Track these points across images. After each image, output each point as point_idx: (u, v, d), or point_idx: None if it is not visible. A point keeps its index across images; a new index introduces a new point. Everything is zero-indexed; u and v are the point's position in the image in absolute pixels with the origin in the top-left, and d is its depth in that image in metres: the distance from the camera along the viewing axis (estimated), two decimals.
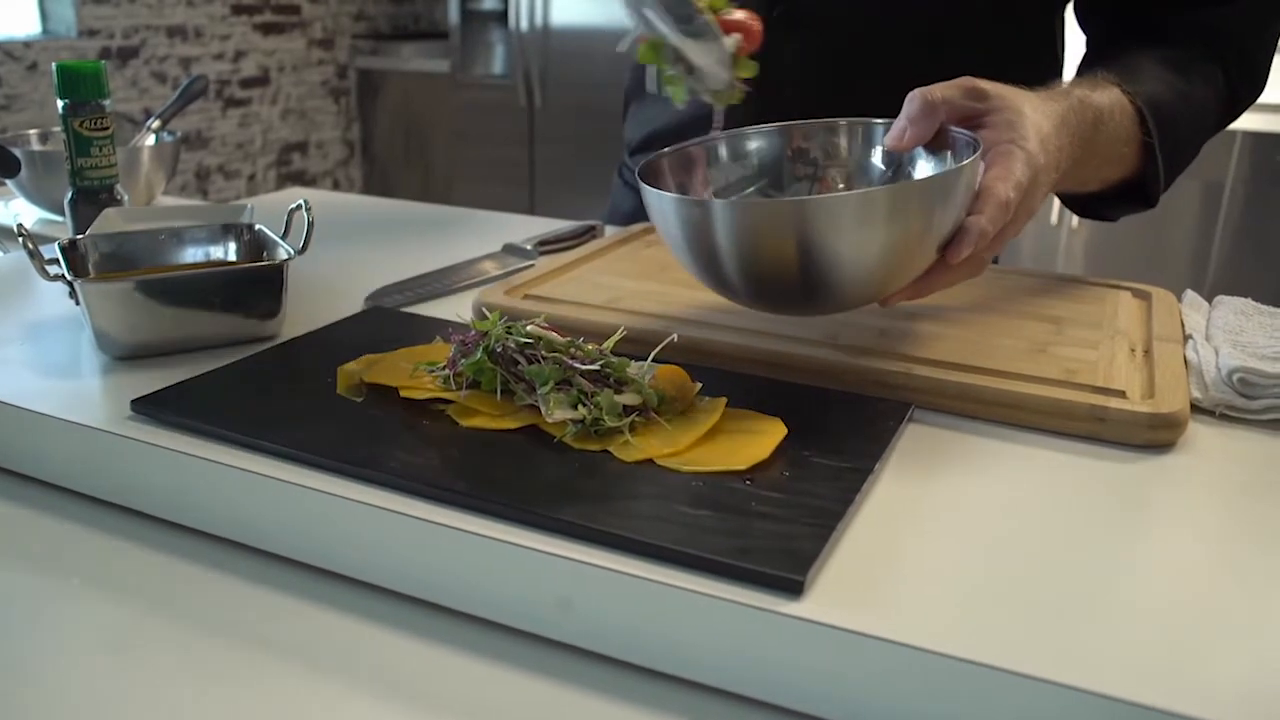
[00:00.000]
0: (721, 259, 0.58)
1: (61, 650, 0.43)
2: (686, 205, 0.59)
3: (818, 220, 0.55)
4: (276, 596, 0.47)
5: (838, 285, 0.58)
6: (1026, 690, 0.36)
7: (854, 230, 0.55)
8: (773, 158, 0.71)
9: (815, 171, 0.71)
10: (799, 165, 0.71)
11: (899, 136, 0.63)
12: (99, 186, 0.80)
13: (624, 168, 1.16)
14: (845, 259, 0.56)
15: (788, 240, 0.56)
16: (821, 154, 0.70)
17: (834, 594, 0.41)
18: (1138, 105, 0.75)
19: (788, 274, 0.57)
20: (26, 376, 0.60)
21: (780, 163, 0.71)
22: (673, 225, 0.59)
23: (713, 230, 0.57)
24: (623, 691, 0.42)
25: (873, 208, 0.55)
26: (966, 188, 0.57)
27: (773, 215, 0.56)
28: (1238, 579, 0.44)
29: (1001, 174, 0.60)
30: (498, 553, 0.44)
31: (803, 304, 0.62)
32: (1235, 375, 0.60)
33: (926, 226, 0.56)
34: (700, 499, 0.46)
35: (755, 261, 0.58)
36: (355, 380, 0.57)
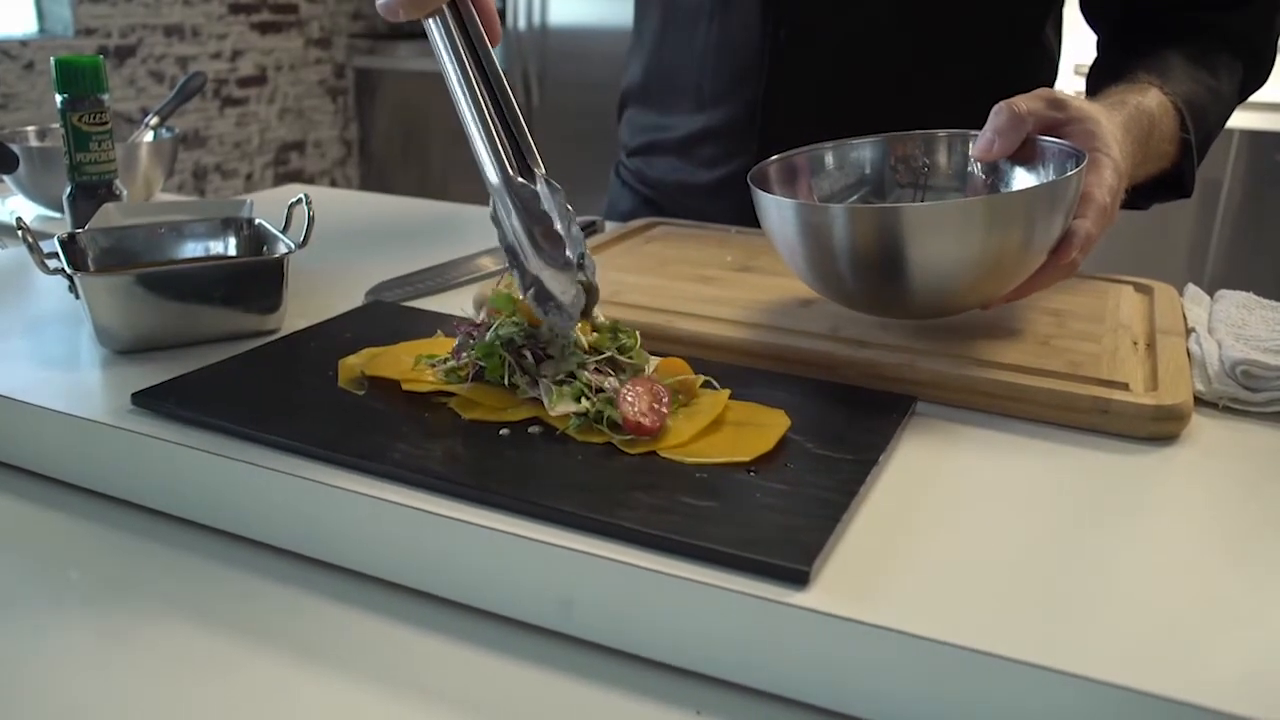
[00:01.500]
0: (838, 263, 0.60)
1: (60, 643, 0.43)
2: (807, 210, 0.61)
3: (941, 226, 0.57)
4: (278, 589, 0.47)
5: (953, 290, 0.60)
6: (1031, 678, 0.36)
7: (977, 235, 0.57)
8: (875, 167, 0.73)
9: (916, 180, 0.73)
10: (900, 173, 0.73)
11: (988, 147, 0.65)
12: (98, 181, 0.80)
13: (621, 166, 1.15)
14: (964, 263, 0.58)
15: (908, 245, 0.57)
16: (922, 163, 0.72)
17: (839, 584, 0.40)
18: (1178, 105, 0.79)
19: (904, 278, 0.59)
20: (26, 370, 0.60)
21: (882, 171, 0.73)
22: (790, 229, 0.61)
23: (831, 235, 0.59)
24: (626, 683, 0.41)
25: (996, 213, 0.57)
26: (1075, 194, 0.60)
27: (895, 220, 0.57)
28: (1241, 569, 0.44)
29: (1096, 180, 0.63)
30: (501, 545, 0.43)
31: (914, 308, 0.63)
32: (1239, 368, 0.60)
33: (1044, 230, 0.59)
34: (705, 490, 0.46)
35: (872, 266, 0.59)
36: (357, 373, 0.57)
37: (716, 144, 1.02)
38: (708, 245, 0.87)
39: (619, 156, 1.16)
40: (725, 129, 1.00)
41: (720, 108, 1.00)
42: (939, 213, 0.57)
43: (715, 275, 0.78)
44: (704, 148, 1.03)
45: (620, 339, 0.56)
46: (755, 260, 0.82)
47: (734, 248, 0.85)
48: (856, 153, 0.73)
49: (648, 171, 1.10)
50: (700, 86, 1.01)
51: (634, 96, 1.12)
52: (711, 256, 0.83)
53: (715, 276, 0.77)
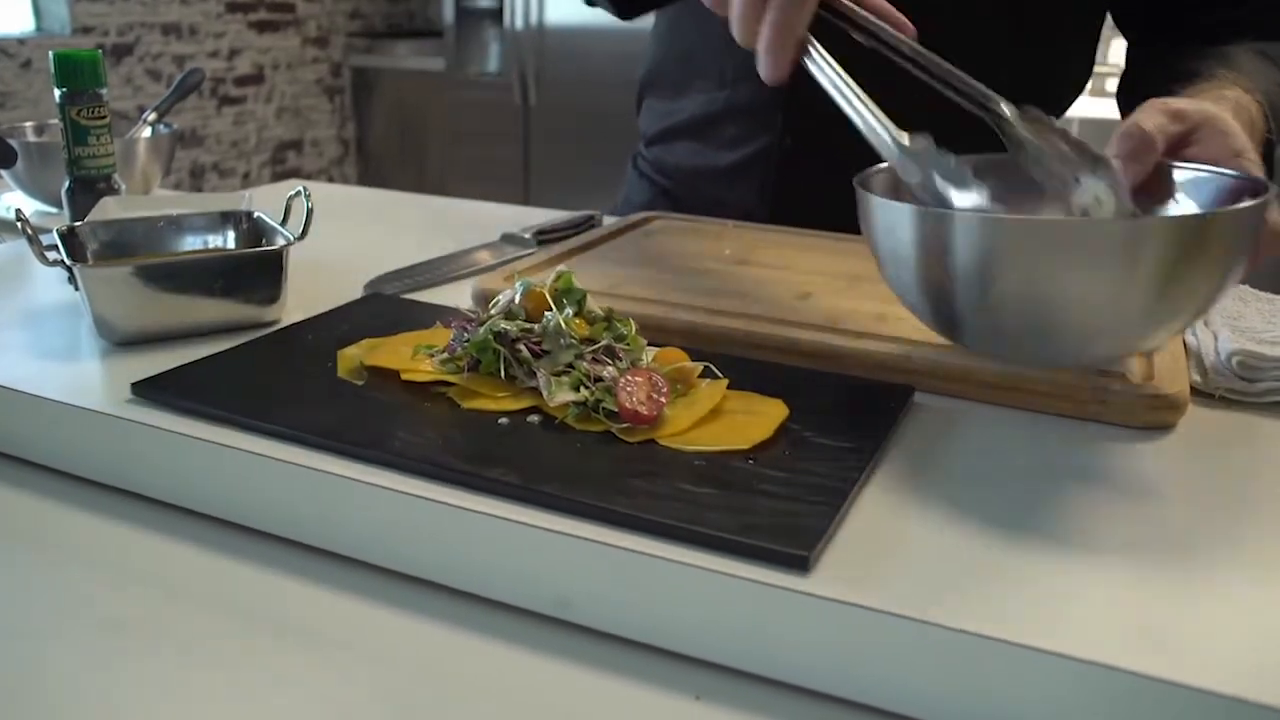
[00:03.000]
0: (950, 286, 0.50)
1: (61, 633, 0.43)
2: (927, 217, 0.50)
3: (1101, 248, 0.46)
4: (277, 578, 0.47)
5: (1099, 333, 0.50)
6: (1029, 662, 0.36)
7: (1149, 263, 0.46)
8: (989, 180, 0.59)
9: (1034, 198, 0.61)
10: (1012, 188, 0.60)
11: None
12: (96, 176, 0.79)
13: (638, 158, 1.15)
14: (1124, 300, 0.47)
15: (1052, 269, 0.47)
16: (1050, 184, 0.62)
17: (839, 570, 0.41)
18: (1260, 104, 0.74)
19: (1039, 310, 0.49)
20: (26, 362, 0.60)
21: (998, 189, 0.60)
22: (903, 241, 0.51)
23: (954, 249, 0.48)
24: (626, 669, 0.41)
25: (1179, 237, 0.47)
26: (1257, 224, 0.50)
27: (1040, 236, 0.47)
28: (1237, 553, 0.44)
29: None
30: (502, 532, 0.44)
31: (1046, 349, 0.53)
32: (1235, 359, 0.60)
33: (1227, 264, 0.48)
34: (704, 478, 0.46)
35: (1002, 293, 0.49)
36: (356, 364, 0.57)
37: (739, 123, 1.00)
38: (705, 239, 0.87)
39: (637, 148, 1.15)
40: (748, 107, 0.99)
41: (743, 85, 0.99)
42: (1098, 232, 0.47)
43: (713, 268, 0.78)
44: (726, 128, 1.02)
45: (616, 328, 0.56)
46: (753, 254, 0.82)
47: (732, 241, 0.86)
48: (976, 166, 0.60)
49: (667, 159, 1.09)
50: (722, 65, 1.00)
51: (653, 83, 1.11)
52: (709, 250, 0.83)
53: (713, 269, 0.77)
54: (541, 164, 3.44)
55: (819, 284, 0.74)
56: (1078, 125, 2.98)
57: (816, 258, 0.81)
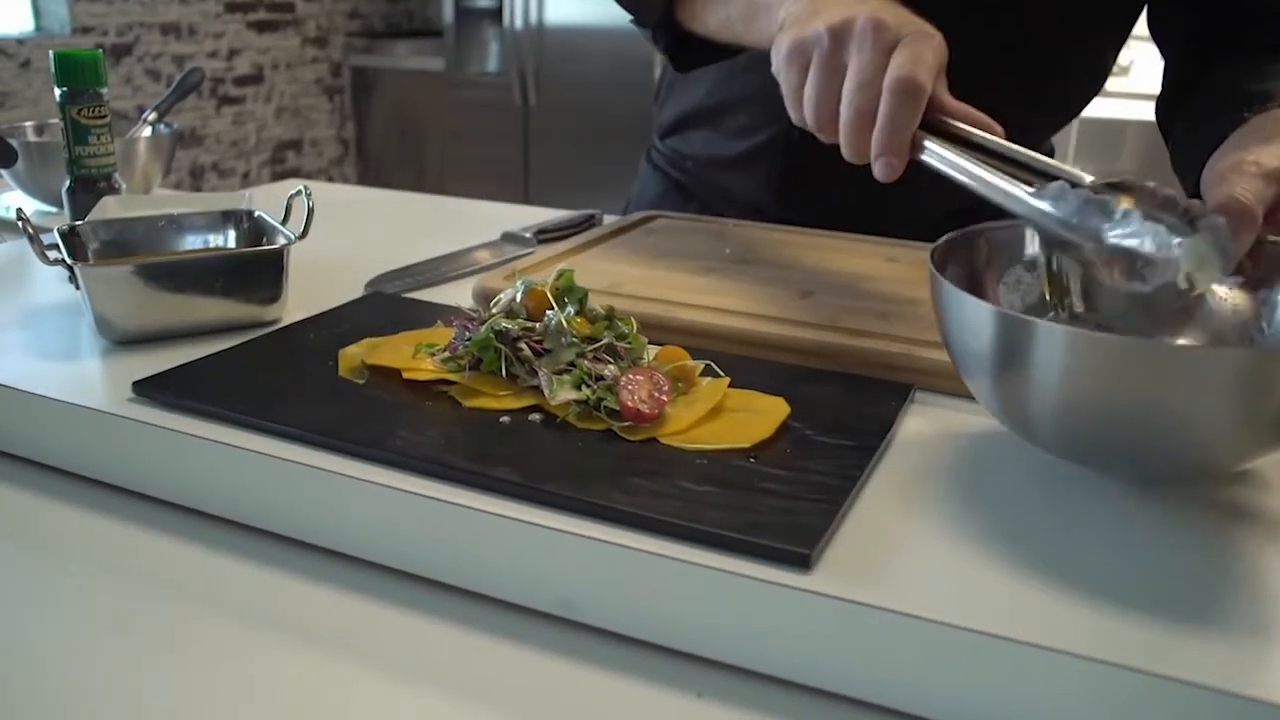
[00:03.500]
0: (1032, 395, 0.45)
1: (63, 632, 0.43)
2: (1011, 323, 0.45)
3: (1217, 376, 0.42)
4: (279, 576, 0.47)
5: (1200, 454, 0.46)
6: (1029, 659, 0.36)
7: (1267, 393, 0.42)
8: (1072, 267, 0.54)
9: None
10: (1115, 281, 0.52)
11: None
12: (97, 175, 0.79)
13: (653, 150, 1.15)
14: (1228, 428, 0.43)
15: (1154, 396, 0.42)
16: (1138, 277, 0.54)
17: (841, 568, 0.41)
18: None
19: (1132, 434, 0.45)
20: (26, 361, 0.60)
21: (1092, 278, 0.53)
22: (980, 341, 0.47)
23: (1043, 362, 0.44)
24: (627, 667, 0.42)
25: None
26: None
27: (1142, 359, 0.43)
28: (1240, 552, 0.44)
29: None
30: (504, 530, 0.44)
31: (1137, 468, 0.49)
32: None
33: None
34: (705, 476, 0.46)
35: (1084, 408, 0.45)
36: (357, 362, 0.57)
37: (749, 112, 1.00)
38: (706, 238, 0.87)
39: (651, 142, 1.16)
40: (756, 96, 0.98)
41: (752, 74, 0.99)
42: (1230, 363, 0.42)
43: (714, 267, 0.78)
44: (737, 116, 1.02)
45: (617, 327, 0.56)
46: (753, 253, 0.82)
47: (732, 241, 0.86)
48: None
49: (682, 148, 1.09)
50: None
51: (673, 76, 1.10)
52: (710, 249, 0.83)
53: (714, 268, 0.77)
54: (541, 164, 3.44)
55: (820, 283, 0.74)
56: (1077, 124, 2.98)
57: (817, 256, 0.81)
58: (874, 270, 0.77)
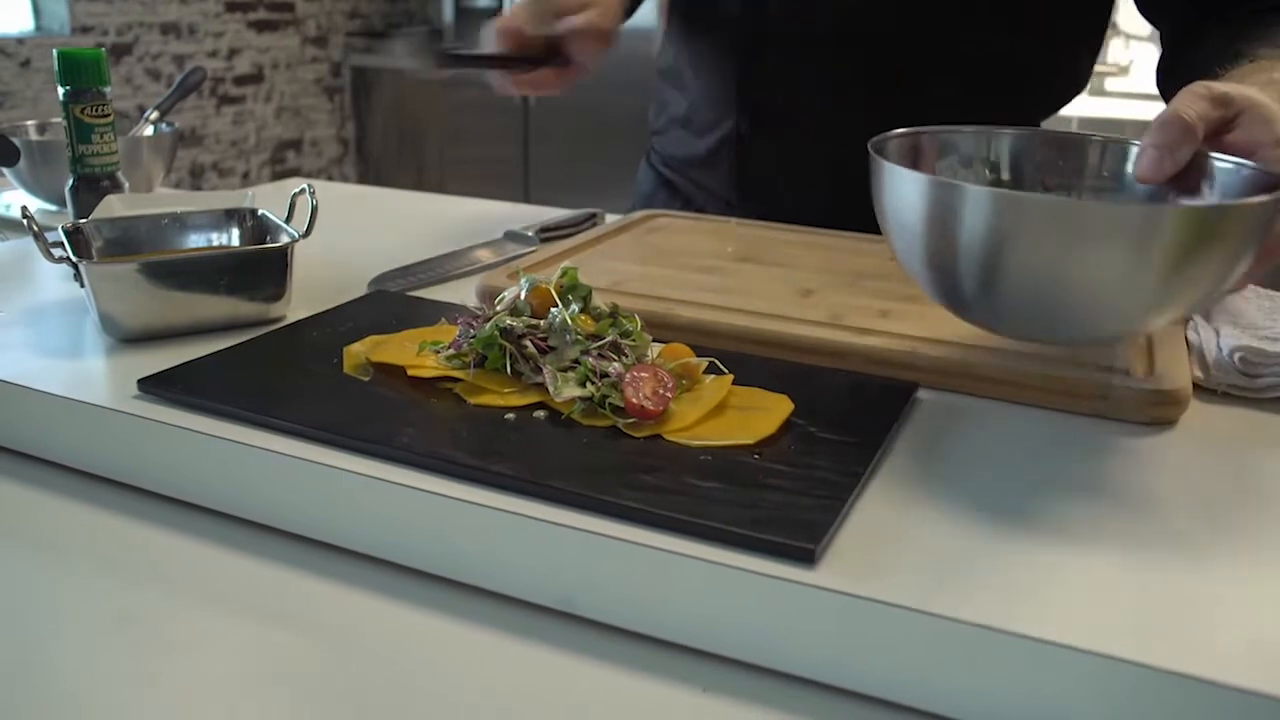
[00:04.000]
0: (961, 258, 0.50)
1: (69, 629, 0.43)
2: (941, 189, 0.50)
3: (1122, 232, 0.46)
4: (284, 572, 0.47)
5: (1108, 314, 0.50)
6: (1034, 654, 0.36)
7: (1165, 251, 0.47)
8: (1013, 162, 0.62)
9: (1062, 184, 0.62)
10: (1046, 175, 0.62)
11: (1156, 168, 0.55)
12: (100, 173, 0.80)
13: (651, 150, 1.18)
14: (1133, 284, 0.48)
15: (1067, 250, 0.47)
16: (1071, 167, 0.62)
17: (845, 563, 0.41)
18: None
19: (1044, 289, 0.49)
20: (32, 359, 0.60)
21: (1021, 170, 0.62)
22: (911, 210, 0.51)
23: (967, 224, 0.49)
24: (633, 662, 0.42)
25: (1189, 227, 0.47)
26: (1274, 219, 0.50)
27: (1053, 215, 0.48)
28: (1239, 546, 0.44)
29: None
30: (510, 525, 0.44)
31: (1048, 328, 0.54)
32: (1236, 354, 0.60)
33: (1245, 253, 0.49)
34: (710, 472, 0.46)
35: (1009, 268, 0.49)
36: (362, 360, 0.57)
37: (712, 108, 1.05)
38: (708, 237, 0.87)
39: (651, 142, 1.19)
40: (711, 94, 1.04)
41: (704, 74, 1.05)
42: (1130, 218, 0.47)
43: (716, 265, 0.78)
44: (702, 114, 1.06)
45: (621, 324, 0.56)
46: (755, 251, 0.82)
47: (734, 239, 0.86)
48: (996, 143, 0.63)
49: (666, 149, 1.13)
50: None
51: (662, 74, 1.15)
52: (712, 248, 0.83)
53: (716, 266, 0.78)
54: (541, 164, 3.44)
55: (821, 281, 0.74)
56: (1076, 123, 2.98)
57: (818, 255, 0.81)
58: (875, 268, 0.77)
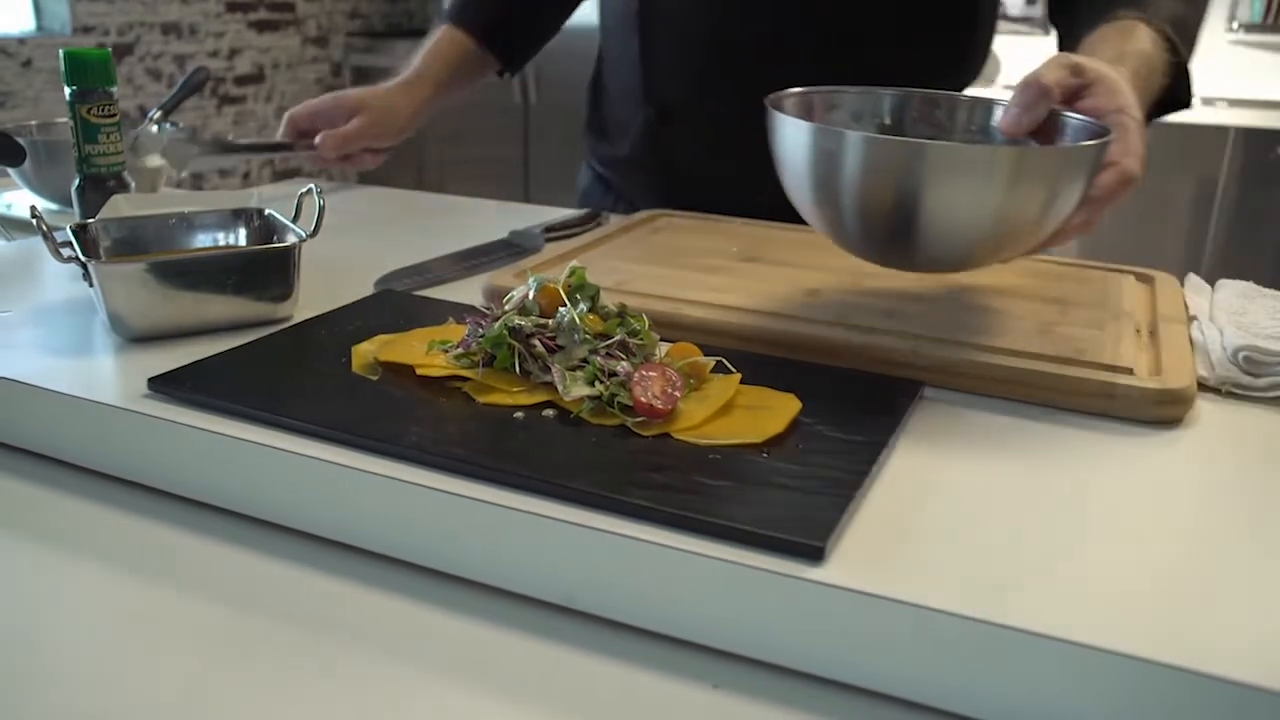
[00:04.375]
0: (843, 195, 0.59)
1: (81, 627, 0.44)
2: (821, 134, 0.59)
3: (968, 170, 0.55)
4: (294, 570, 0.48)
5: (955, 241, 0.58)
6: (1041, 650, 0.37)
7: (1001, 186, 0.56)
8: (894, 117, 0.72)
9: (936, 136, 0.71)
10: (922, 128, 0.72)
11: (1015, 123, 0.63)
12: (106, 173, 0.80)
13: (588, 151, 1.24)
14: (979, 216, 0.56)
15: (920, 184, 0.56)
16: (944, 119, 0.71)
17: (853, 560, 0.41)
18: (1164, 32, 0.78)
19: (907, 219, 0.57)
20: (41, 358, 0.61)
21: (901, 125, 0.72)
22: (800, 154, 0.60)
23: (845, 164, 0.57)
24: (643, 659, 0.42)
25: (1027, 166, 0.56)
26: (1101, 162, 0.60)
27: (911, 156, 0.56)
28: (1243, 544, 0.44)
29: (1125, 148, 0.62)
30: (520, 524, 0.44)
31: (909, 255, 0.62)
32: (1241, 354, 0.61)
33: (1069, 193, 0.58)
34: (719, 471, 0.46)
35: (878, 201, 0.58)
36: (370, 359, 0.57)
37: (624, 106, 1.10)
38: (713, 236, 0.87)
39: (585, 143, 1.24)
40: (626, 94, 1.09)
41: (619, 77, 1.10)
42: (968, 156, 0.56)
43: (721, 265, 0.78)
44: (619, 115, 1.13)
45: (629, 324, 0.56)
46: (760, 251, 0.82)
47: (739, 239, 0.86)
48: (878, 101, 0.72)
49: (600, 150, 1.19)
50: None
51: (591, 84, 1.23)
52: (717, 247, 0.83)
53: (721, 266, 0.78)
54: (541, 163, 3.44)
55: (826, 280, 0.74)
56: None
57: (822, 254, 0.81)
58: (879, 268, 0.78)
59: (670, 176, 1.08)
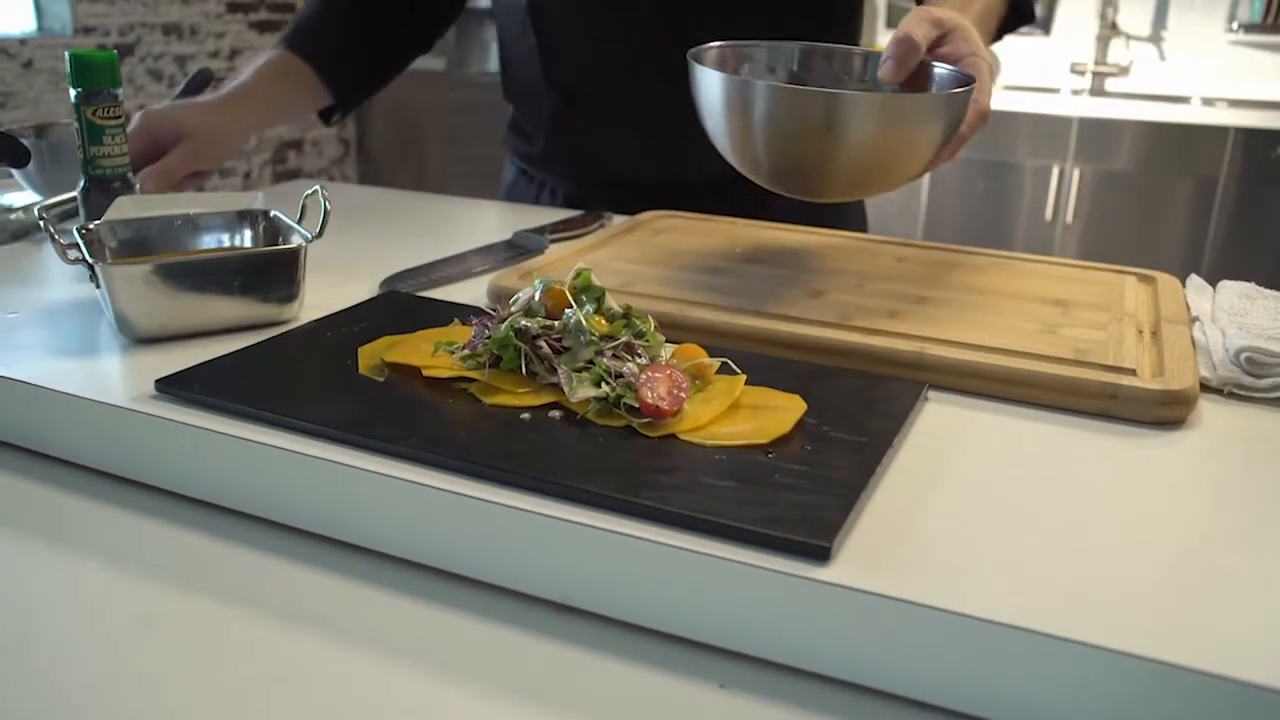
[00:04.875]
0: (755, 136, 0.68)
1: (89, 627, 0.44)
2: (733, 83, 0.69)
3: (850, 112, 0.66)
4: (302, 570, 0.48)
5: (848, 172, 0.69)
6: (1045, 649, 0.37)
7: (878, 127, 0.66)
8: (799, 69, 0.83)
9: (834, 86, 0.81)
10: (823, 79, 0.82)
11: (893, 72, 0.74)
12: (112, 175, 0.80)
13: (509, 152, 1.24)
14: (864, 150, 0.67)
15: (819, 125, 0.66)
16: (840, 70, 0.82)
17: (859, 560, 0.41)
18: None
19: (808, 156, 0.68)
20: (48, 359, 0.61)
21: (806, 75, 0.83)
22: (716, 101, 0.70)
23: (753, 108, 0.68)
24: (651, 658, 0.42)
25: (898, 110, 0.69)
26: (965, 108, 0.71)
27: (810, 100, 0.66)
28: (1246, 544, 0.45)
29: (981, 88, 0.73)
30: (527, 524, 0.44)
31: (810, 187, 0.72)
32: (1243, 355, 0.61)
33: (935, 131, 0.68)
34: (724, 471, 0.47)
35: (784, 140, 0.68)
36: (376, 360, 0.58)
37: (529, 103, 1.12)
38: (715, 237, 0.88)
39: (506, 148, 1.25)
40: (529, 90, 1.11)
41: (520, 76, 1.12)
42: (845, 100, 0.66)
43: (725, 266, 0.78)
44: (526, 115, 1.14)
45: (635, 325, 0.57)
46: (763, 252, 0.83)
47: (742, 240, 0.86)
48: (784, 54, 0.83)
49: (519, 149, 1.19)
50: None
51: (505, 95, 1.22)
52: (719, 248, 0.84)
53: (725, 267, 0.78)
54: None
55: (830, 282, 0.74)
56: (1077, 124, 2.99)
57: (826, 256, 0.82)
58: (882, 269, 0.78)
59: (585, 167, 1.12)
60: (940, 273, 0.77)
